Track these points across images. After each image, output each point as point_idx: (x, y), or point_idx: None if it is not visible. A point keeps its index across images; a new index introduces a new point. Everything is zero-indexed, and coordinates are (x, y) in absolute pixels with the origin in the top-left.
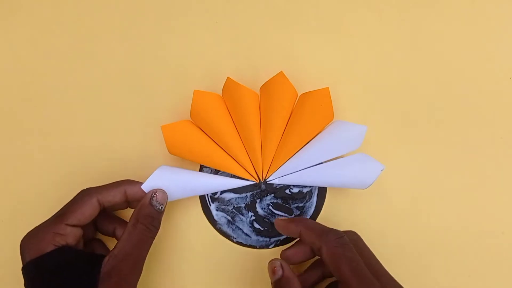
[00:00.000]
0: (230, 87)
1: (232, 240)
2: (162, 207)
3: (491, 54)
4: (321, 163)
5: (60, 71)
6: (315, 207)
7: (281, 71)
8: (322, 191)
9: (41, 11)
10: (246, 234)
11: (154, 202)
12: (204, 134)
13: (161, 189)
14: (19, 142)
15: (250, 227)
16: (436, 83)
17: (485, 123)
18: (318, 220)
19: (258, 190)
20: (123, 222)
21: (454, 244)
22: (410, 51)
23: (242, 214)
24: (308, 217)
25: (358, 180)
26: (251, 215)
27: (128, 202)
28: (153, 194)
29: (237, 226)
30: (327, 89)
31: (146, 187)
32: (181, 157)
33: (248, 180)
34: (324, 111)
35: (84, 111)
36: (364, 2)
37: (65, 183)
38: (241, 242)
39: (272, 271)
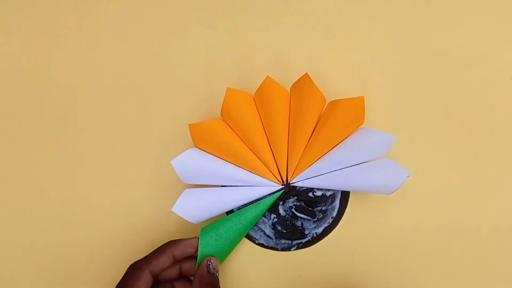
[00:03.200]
0: (267, 86)
1: (254, 242)
2: (218, 274)
3: (491, 54)
4: (346, 167)
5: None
6: (338, 210)
7: (306, 72)
8: (345, 195)
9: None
10: (268, 236)
11: (212, 270)
12: (232, 132)
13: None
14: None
15: (272, 229)
16: (440, 83)
17: (484, 124)
18: (340, 224)
19: (281, 192)
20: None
21: (453, 244)
22: (414, 53)
23: (265, 216)
24: (331, 220)
25: (383, 185)
26: (274, 217)
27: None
28: (209, 262)
29: (259, 228)
30: (361, 98)
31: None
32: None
33: (271, 183)
34: (355, 119)
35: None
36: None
37: None
38: (262, 244)
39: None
